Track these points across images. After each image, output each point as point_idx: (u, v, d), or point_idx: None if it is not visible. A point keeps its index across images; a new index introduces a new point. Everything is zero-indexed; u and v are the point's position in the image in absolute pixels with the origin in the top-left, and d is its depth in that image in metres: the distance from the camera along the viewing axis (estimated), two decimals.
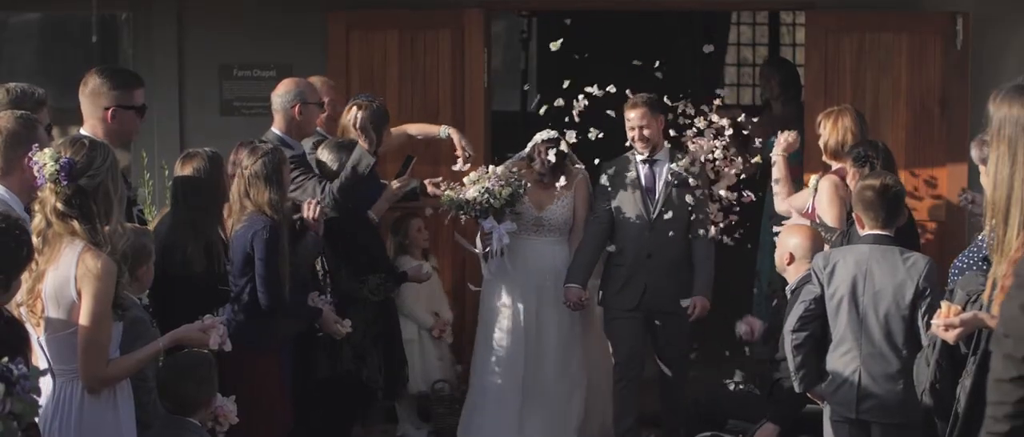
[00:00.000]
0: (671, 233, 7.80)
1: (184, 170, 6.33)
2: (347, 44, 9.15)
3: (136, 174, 8.92)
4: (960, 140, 8.65)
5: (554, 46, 8.06)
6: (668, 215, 7.79)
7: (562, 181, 7.93)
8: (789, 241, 6.95)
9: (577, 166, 8.13)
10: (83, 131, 5.98)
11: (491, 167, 7.91)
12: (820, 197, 7.28)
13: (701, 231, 7.81)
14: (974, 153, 6.76)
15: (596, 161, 8.11)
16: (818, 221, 7.20)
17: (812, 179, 7.49)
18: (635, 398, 7.89)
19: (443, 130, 8.09)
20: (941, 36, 8.86)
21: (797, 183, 8.14)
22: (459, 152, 7.93)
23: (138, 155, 9.08)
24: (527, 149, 8.04)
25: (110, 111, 5.99)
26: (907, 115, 8.94)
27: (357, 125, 7.33)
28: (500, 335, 7.98)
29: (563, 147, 7.93)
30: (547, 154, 7.92)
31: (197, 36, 9.64)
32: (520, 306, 7.98)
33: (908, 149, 8.77)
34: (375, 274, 7.34)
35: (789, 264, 6.89)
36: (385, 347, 7.47)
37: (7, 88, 5.78)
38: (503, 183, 7.75)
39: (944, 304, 5.16)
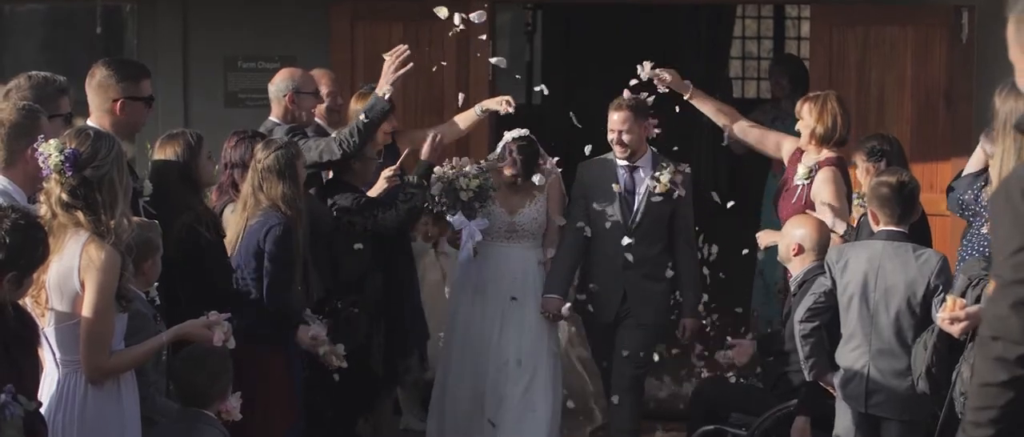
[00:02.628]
0: (650, 243, 7.45)
1: (163, 152, 6.31)
2: (351, 36, 9.14)
3: (141, 166, 8.92)
4: (965, 134, 8.63)
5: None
6: (647, 224, 7.42)
7: (536, 179, 7.50)
8: (796, 231, 6.80)
9: (549, 166, 7.68)
10: (90, 123, 5.98)
11: (456, 159, 7.54)
12: (820, 189, 7.06)
13: (685, 247, 7.53)
14: (987, 147, 6.73)
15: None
16: (821, 202, 7.09)
17: (800, 167, 7.21)
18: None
19: (479, 109, 7.78)
20: (946, 30, 8.84)
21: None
22: (504, 107, 7.60)
23: (143, 147, 9.08)
24: (498, 149, 7.65)
25: (119, 103, 5.99)
26: (912, 109, 8.92)
27: None
28: (465, 341, 7.62)
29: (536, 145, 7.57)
30: (518, 153, 7.49)
31: (202, 28, 9.64)
32: (488, 312, 7.59)
33: (913, 143, 8.72)
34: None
35: (796, 255, 6.76)
36: (388, 334, 7.44)
37: (29, 76, 5.78)
38: (470, 175, 7.35)
39: (949, 298, 5.17)
